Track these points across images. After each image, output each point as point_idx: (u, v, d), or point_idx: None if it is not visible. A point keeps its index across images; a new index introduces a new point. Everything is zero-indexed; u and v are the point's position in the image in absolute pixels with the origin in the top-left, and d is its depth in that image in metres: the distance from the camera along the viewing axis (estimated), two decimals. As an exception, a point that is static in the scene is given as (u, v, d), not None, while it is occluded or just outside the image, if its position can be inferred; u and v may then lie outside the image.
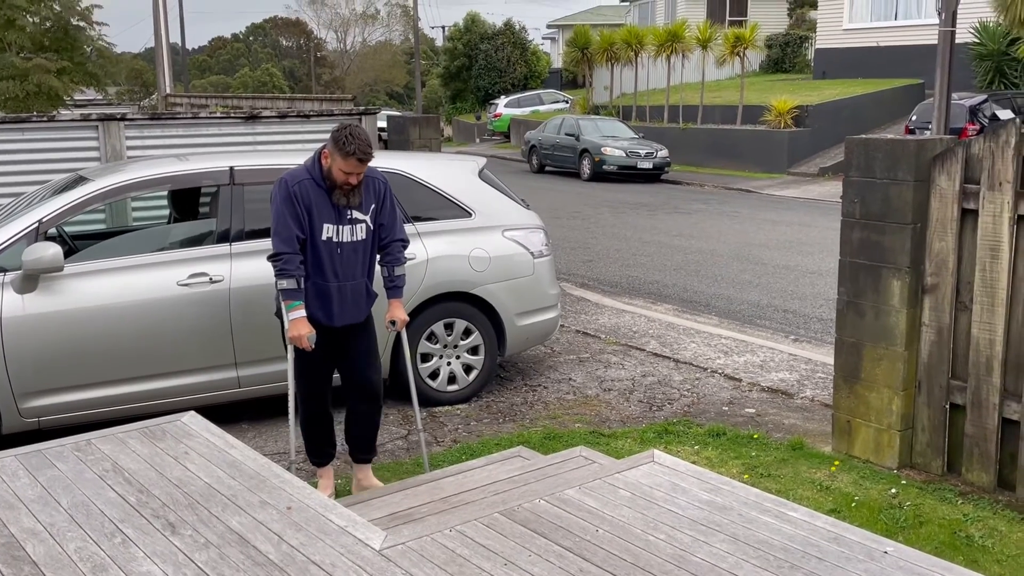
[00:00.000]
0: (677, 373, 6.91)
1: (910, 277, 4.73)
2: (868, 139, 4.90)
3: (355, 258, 4.45)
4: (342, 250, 4.40)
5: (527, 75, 42.04)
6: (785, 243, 12.97)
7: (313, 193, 4.31)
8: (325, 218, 4.34)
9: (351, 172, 4.25)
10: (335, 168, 4.26)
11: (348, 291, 4.45)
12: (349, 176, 4.27)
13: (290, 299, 4.32)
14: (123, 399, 5.31)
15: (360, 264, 4.48)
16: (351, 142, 4.18)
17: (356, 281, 4.48)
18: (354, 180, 4.30)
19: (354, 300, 4.48)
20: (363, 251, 4.48)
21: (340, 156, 4.22)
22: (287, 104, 13.68)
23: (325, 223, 4.34)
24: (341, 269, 4.41)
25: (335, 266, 4.40)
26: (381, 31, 72.04)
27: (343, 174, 4.26)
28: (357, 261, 4.46)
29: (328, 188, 4.32)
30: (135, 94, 36.60)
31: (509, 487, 3.85)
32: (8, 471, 3.25)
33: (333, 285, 4.41)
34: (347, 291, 4.45)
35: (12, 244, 5.13)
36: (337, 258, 4.39)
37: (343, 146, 4.19)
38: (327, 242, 4.36)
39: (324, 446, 4.71)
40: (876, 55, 24.86)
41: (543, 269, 6.43)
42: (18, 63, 13.10)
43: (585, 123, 24.04)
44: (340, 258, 4.40)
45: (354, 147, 4.18)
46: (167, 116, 8.74)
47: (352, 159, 4.21)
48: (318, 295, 4.41)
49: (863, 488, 4.67)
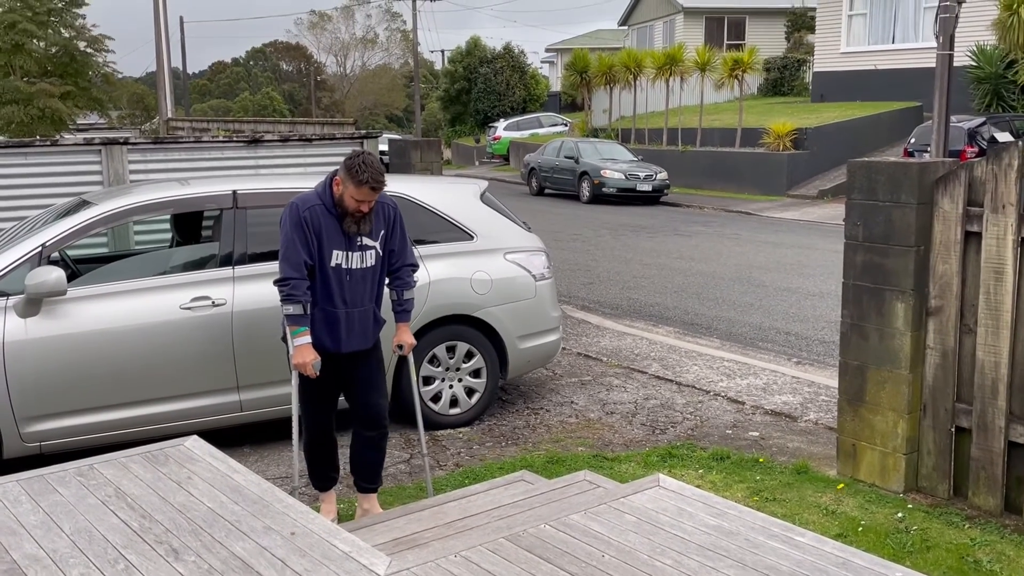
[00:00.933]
0: (680, 396, 6.89)
1: (914, 300, 4.73)
2: (870, 162, 4.91)
3: (364, 285, 4.43)
4: (351, 277, 4.38)
5: (526, 98, 42.27)
6: (786, 265, 12.98)
7: (323, 219, 4.29)
8: (335, 244, 4.32)
9: (363, 200, 4.24)
10: (347, 196, 4.24)
11: (356, 317, 4.43)
12: (361, 204, 4.25)
13: (296, 325, 4.29)
14: (125, 423, 5.29)
15: (368, 291, 4.46)
16: (364, 170, 4.17)
17: (364, 308, 4.45)
18: (366, 208, 4.28)
19: (362, 327, 4.45)
20: (372, 278, 4.46)
21: (353, 184, 4.20)
22: (289, 128, 13.74)
23: (334, 249, 4.32)
24: (349, 296, 4.39)
25: (343, 292, 4.37)
26: (380, 55, 72.53)
27: (355, 202, 4.24)
28: (366, 288, 4.44)
29: (339, 215, 4.30)
30: (136, 118, 36.78)
31: (513, 512, 3.83)
32: (10, 497, 3.22)
33: (341, 312, 4.39)
34: (355, 317, 4.42)
35: (15, 268, 5.12)
36: (346, 285, 4.37)
37: (356, 174, 4.17)
38: (336, 268, 4.34)
39: (327, 470, 4.69)
40: (874, 78, 24.99)
41: (545, 292, 6.42)
42: (23, 87, 13.17)
43: (584, 146, 24.14)
44: (349, 285, 4.38)
45: (367, 175, 4.17)
46: (170, 140, 8.77)
47: (365, 187, 4.19)
48: (326, 321, 4.38)
49: (869, 512, 4.64)
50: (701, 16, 36.12)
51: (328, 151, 8.78)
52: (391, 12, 69.10)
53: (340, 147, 8.87)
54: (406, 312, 4.61)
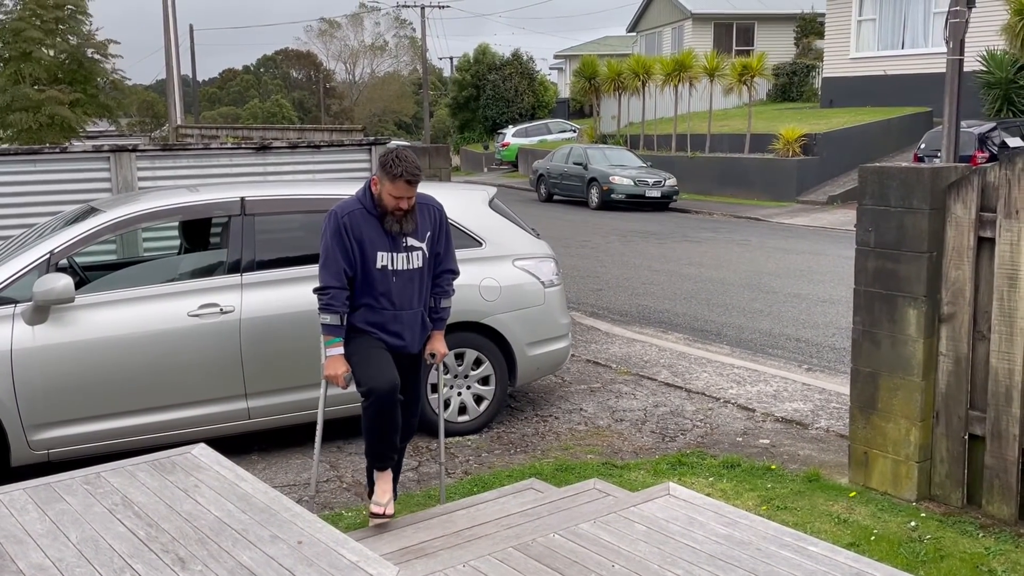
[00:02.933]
0: (689, 403, 6.85)
1: (926, 306, 4.68)
2: (882, 167, 4.87)
3: (411, 286, 4.35)
4: (398, 278, 4.30)
5: (535, 105, 42.31)
6: (796, 271, 12.92)
7: (364, 222, 4.24)
8: (379, 247, 4.26)
9: (401, 196, 4.19)
10: (384, 193, 4.21)
11: (405, 320, 4.36)
12: (399, 200, 4.20)
13: (330, 335, 4.23)
14: (133, 431, 5.28)
15: (417, 292, 4.39)
16: (398, 164, 4.15)
17: (413, 310, 4.38)
18: (405, 204, 4.23)
19: (410, 328, 4.38)
20: (419, 279, 4.38)
21: (388, 180, 4.17)
22: (297, 135, 13.77)
23: (379, 251, 4.26)
24: (398, 297, 4.32)
25: (390, 295, 4.30)
26: (389, 62, 72.73)
27: (393, 199, 4.20)
28: (414, 289, 4.37)
29: (380, 215, 4.26)
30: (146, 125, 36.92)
31: (522, 520, 3.79)
32: (17, 505, 3.21)
33: (389, 313, 4.32)
34: (403, 319, 4.35)
35: (23, 275, 5.12)
36: (393, 286, 4.29)
37: (390, 169, 4.15)
38: (382, 271, 4.27)
39: (392, 447, 4.40)
40: (884, 83, 24.92)
41: (554, 298, 6.40)
42: (32, 95, 13.22)
43: (593, 152, 24.12)
44: (396, 286, 4.30)
45: (401, 169, 4.14)
46: (178, 147, 8.78)
47: (400, 181, 4.15)
48: (373, 323, 4.32)
49: (882, 521, 4.59)
50: (710, 22, 36.10)
51: (337, 158, 8.77)
52: (400, 19, 69.20)
53: (349, 154, 8.87)
54: (442, 320, 4.55)
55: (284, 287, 5.56)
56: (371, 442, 4.37)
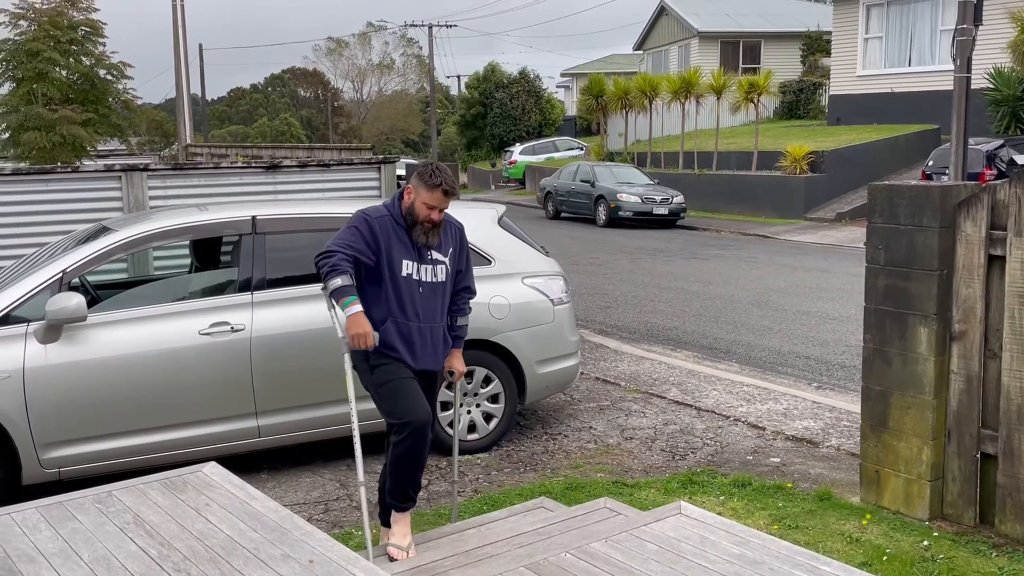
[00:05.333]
0: (699, 421, 6.83)
1: (937, 324, 4.67)
2: (892, 185, 4.88)
3: (435, 300, 4.32)
4: (423, 289, 4.27)
5: (542, 123, 42.50)
6: (804, 289, 12.90)
7: (392, 230, 4.23)
8: (404, 255, 4.23)
9: (435, 206, 4.19)
10: (418, 202, 4.19)
11: (428, 334, 4.31)
12: (432, 211, 4.20)
13: (344, 296, 4.02)
14: (144, 449, 5.29)
15: (440, 307, 4.36)
16: (438, 175, 4.17)
17: (436, 325, 4.34)
18: (436, 216, 4.22)
19: (433, 344, 4.34)
20: (442, 294, 4.36)
21: (426, 189, 4.17)
22: (306, 153, 13.83)
23: (404, 259, 4.23)
24: (422, 309, 4.27)
25: (416, 306, 4.25)
26: (397, 80, 73.11)
27: (426, 208, 4.19)
28: (437, 303, 4.34)
29: (408, 226, 4.24)
30: (155, 144, 37.15)
31: (533, 540, 3.78)
32: (29, 524, 3.22)
33: (414, 325, 4.26)
34: (427, 334, 4.30)
35: (36, 294, 5.15)
36: (418, 297, 4.26)
37: (430, 179, 4.17)
38: (407, 279, 4.23)
39: (415, 486, 4.35)
40: (891, 101, 24.95)
41: (563, 316, 6.40)
42: (45, 114, 13.33)
43: (600, 170, 24.18)
44: (421, 298, 4.26)
45: (441, 179, 4.16)
46: (189, 166, 8.83)
47: (438, 191, 4.17)
48: (399, 334, 4.23)
49: (894, 540, 4.57)
50: (716, 40, 36.23)
51: (346, 176, 8.81)
52: (407, 38, 69.63)
53: (358, 172, 8.91)
54: (460, 338, 4.54)
55: (295, 305, 5.57)
56: (398, 479, 4.24)
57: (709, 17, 36.85)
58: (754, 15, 37.64)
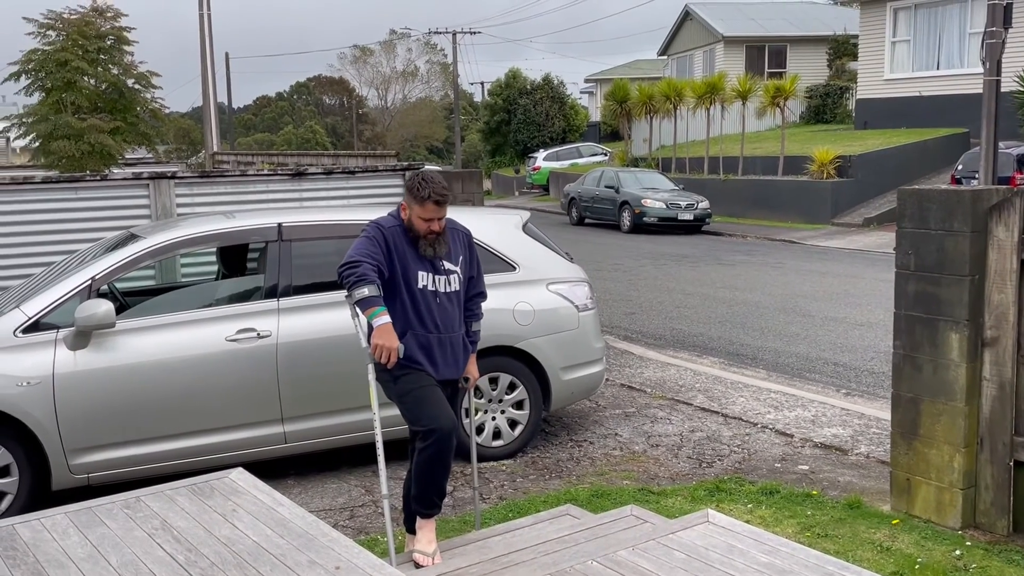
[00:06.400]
0: (726, 428, 6.78)
1: (969, 330, 4.61)
2: (921, 190, 4.82)
3: (452, 309, 4.29)
4: (440, 300, 4.23)
5: (565, 128, 42.45)
6: (832, 294, 12.78)
7: (403, 242, 4.19)
8: (419, 267, 4.20)
9: (431, 217, 4.14)
10: (414, 217, 4.16)
11: (448, 344, 4.28)
12: (430, 223, 4.15)
13: (372, 306, 3.99)
14: (171, 455, 5.32)
15: (458, 316, 4.33)
16: (425, 186, 4.10)
17: (455, 334, 4.31)
18: (436, 227, 4.17)
19: (453, 354, 4.31)
20: (458, 302, 4.33)
21: (416, 203, 4.13)
22: (332, 160, 13.91)
23: (420, 271, 4.19)
24: (442, 320, 4.24)
25: (435, 317, 4.22)
26: (421, 88, 73.33)
27: (423, 222, 4.14)
28: (455, 312, 4.31)
29: (412, 240, 4.20)
30: (183, 152, 37.48)
31: (559, 547, 3.76)
32: (58, 529, 3.24)
33: (434, 337, 4.22)
34: (447, 344, 4.27)
35: (66, 301, 5.20)
36: (437, 308, 4.22)
37: (418, 191, 4.11)
38: (423, 291, 4.20)
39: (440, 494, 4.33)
40: (919, 105, 24.70)
41: (588, 322, 6.38)
42: (74, 123, 13.48)
43: (624, 175, 24.12)
44: (439, 309, 4.22)
45: (428, 190, 4.10)
46: (215, 174, 8.90)
47: (429, 203, 4.11)
48: (420, 346, 4.20)
49: (926, 549, 4.50)
50: (741, 45, 36.07)
51: (371, 183, 8.85)
52: (431, 45, 69.83)
53: (383, 179, 8.94)
54: (474, 344, 4.51)
55: (320, 312, 5.59)
56: (423, 485, 4.22)
57: (734, 22, 36.70)
58: (779, 19, 37.44)
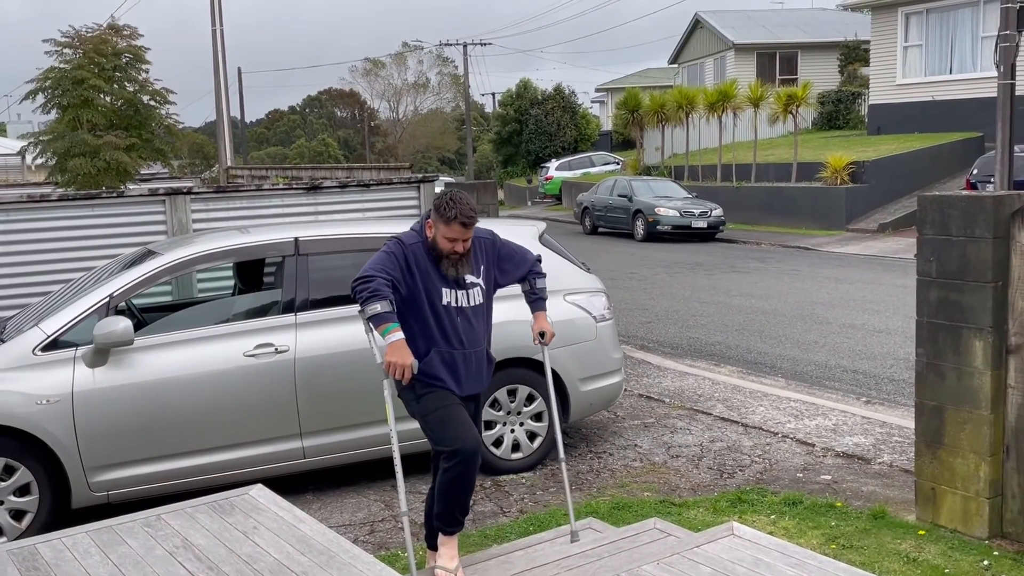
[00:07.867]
0: (747, 438, 6.72)
1: (993, 337, 4.55)
2: (942, 196, 4.77)
3: (477, 324, 4.23)
4: (462, 316, 4.17)
5: (577, 138, 42.48)
6: (849, 301, 12.70)
7: (427, 257, 4.13)
8: (442, 283, 4.13)
9: (456, 239, 4.07)
10: (440, 237, 4.08)
11: (472, 359, 4.22)
12: (455, 244, 4.07)
13: (386, 322, 3.91)
14: (190, 472, 5.31)
15: (484, 330, 4.29)
16: (452, 207, 4.02)
17: (480, 348, 4.26)
18: (460, 248, 4.10)
19: (477, 369, 4.26)
20: (483, 315, 4.28)
21: (443, 223, 4.05)
22: (346, 174, 13.93)
23: (443, 287, 4.13)
24: (466, 336, 4.18)
25: (459, 333, 4.16)
26: (432, 99, 73.58)
27: (448, 242, 4.07)
28: (481, 326, 4.26)
29: (436, 259, 4.13)
30: (196, 167, 37.68)
31: (582, 562, 3.73)
32: (80, 548, 3.23)
33: (459, 353, 4.16)
34: (471, 359, 4.22)
35: (84, 319, 5.21)
36: (461, 325, 4.16)
37: (444, 211, 4.03)
38: (447, 307, 4.13)
39: (464, 511, 4.27)
40: (932, 109, 24.58)
41: (606, 333, 6.34)
42: (90, 140, 13.58)
43: (637, 184, 24.08)
44: (463, 324, 4.17)
45: (455, 211, 4.01)
46: (231, 189, 8.92)
47: (455, 224, 4.03)
48: (444, 362, 4.14)
49: (953, 560, 4.44)
50: (752, 52, 36.03)
51: (386, 196, 8.85)
52: (442, 57, 70.07)
53: (398, 191, 8.95)
54: (543, 300, 4.46)
55: (338, 326, 5.58)
56: (446, 503, 4.16)
57: (744, 29, 36.68)
58: (790, 26, 37.40)
